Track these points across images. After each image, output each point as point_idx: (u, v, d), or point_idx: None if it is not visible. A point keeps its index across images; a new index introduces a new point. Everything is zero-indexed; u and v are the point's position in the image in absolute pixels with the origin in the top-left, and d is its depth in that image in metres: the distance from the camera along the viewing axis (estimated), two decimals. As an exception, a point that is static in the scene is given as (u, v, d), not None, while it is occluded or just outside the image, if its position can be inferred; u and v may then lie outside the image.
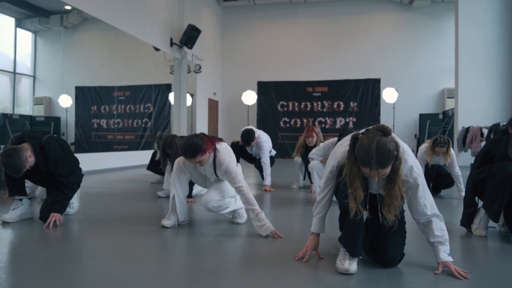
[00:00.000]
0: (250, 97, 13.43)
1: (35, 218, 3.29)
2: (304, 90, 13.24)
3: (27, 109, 9.28)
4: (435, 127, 12.40)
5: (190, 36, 10.48)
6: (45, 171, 3.06)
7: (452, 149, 4.72)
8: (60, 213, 3.06)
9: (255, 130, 5.49)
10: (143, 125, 11.83)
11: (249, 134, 5.32)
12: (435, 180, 4.97)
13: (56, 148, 3.04)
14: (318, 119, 13.18)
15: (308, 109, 13.26)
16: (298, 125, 13.18)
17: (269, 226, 2.84)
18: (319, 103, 13.21)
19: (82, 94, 10.58)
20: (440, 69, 13.43)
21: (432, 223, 2.15)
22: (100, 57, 10.51)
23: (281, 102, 13.37)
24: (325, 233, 2.43)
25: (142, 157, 9.87)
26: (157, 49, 10.49)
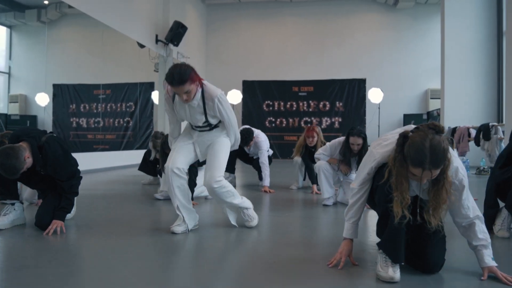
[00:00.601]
0: (235, 96, 13.22)
1: (28, 224, 3.01)
2: (290, 89, 13.13)
3: (1, 107, 8.85)
4: (419, 127, 12.48)
5: (176, 33, 10.19)
6: (41, 173, 2.79)
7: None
8: (63, 220, 2.79)
9: (253, 129, 5.31)
10: (125, 125, 11.48)
11: (248, 134, 5.13)
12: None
13: (56, 149, 2.76)
14: (304, 118, 13.09)
15: (294, 108, 13.15)
16: (283, 125, 13.05)
17: None
18: (304, 102, 13.12)
19: (60, 92, 10.18)
20: (423, 70, 13.56)
21: (475, 225, 2.02)
22: (80, 54, 10.12)
23: (266, 102, 13.22)
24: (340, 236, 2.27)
25: (126, 157, 9.55)
26: (141, 46, 10.17)
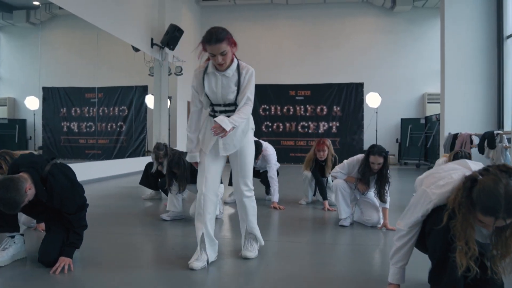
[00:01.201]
0: (231, 101, 12.97)
1: (30, 257, 2.74)
2: (286, 93, 12.93)
3: (-13, 111, 8.53)
4: (417, 132, 12.40)
5: (172, 37, 9.90)
6: (43, 203, 2.52)
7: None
8: (71, 257, 2.52)
9: (261, 142, 5.08)
10: (118, 129, 11.18)
11: (256, 147, 4.88)
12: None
13: (62, 181, 2.48)
14: (301, 123, 12.90)
15: (291, 113, 12.95)
16: (280, 129, 12.85)
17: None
18: (302, 107, 12.93)
19: (51, 95, 9.85)
20: (420, 73, 13.48)
21: None
22: (70, 56, 9.80)
23: (263, 106, 13.00)
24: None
25: (120, 166, 9.27)
26: (136, 50, 9.86)
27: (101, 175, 8.09)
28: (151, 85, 11.02)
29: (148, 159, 10.40)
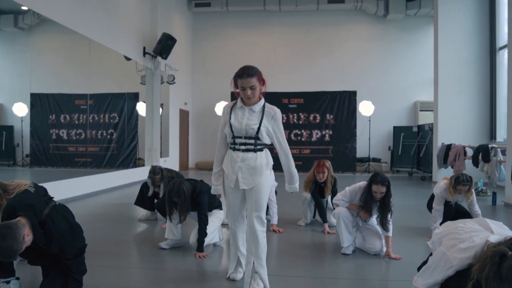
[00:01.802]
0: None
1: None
2: (279, 101, 12.85)
3: (-27, 117, 8.33)
4: (409, 140, 12.44)
5: (165, 46, 9.76)
6: (41, 247, 2.40)
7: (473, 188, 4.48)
8: (70, 305, 2.42)
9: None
10: (108, 137, 10.98)
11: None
12: (453, 217, 4.70)
13: (61, 225, 2.37)
14: (294, 131, 12.85)
15: (284, 121, 12.86)
16: (273, 137, 12.75)
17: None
18: (295, 115, 12.88)
19: (39, 102, 9.63)
20: (413, 81, 13.54)
21: None
22: (60, 62, 9.59)
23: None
24: None
25: (111, 179, 9.12)
26: (128, 59, 9.70)
27: (91, 190, 7.92)
28: (143, 92, 10.86)
29: (140, 170, 10.31)
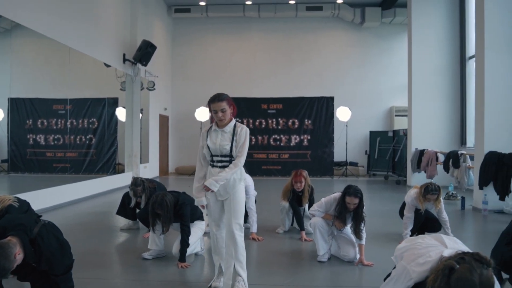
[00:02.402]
0: (203, 114, 12.97)
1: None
2: (259, 107, 13.05)
3: None
4: (385, 144, 12.80)
5: (145, 53, 9.83)
6: (31, 264, 2.50)
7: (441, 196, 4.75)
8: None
9: (240, 173, 5.15)
10: (87, 142, 10.94)
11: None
12: (423, 224, 4.96)
13: (51, 243, 2.47)
14: (273, 136, 13.06)
15: (263, 126, 13.08)
16: (252, 142, 12.93)
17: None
18: (274, 120, 13.09)
19: (15, 106, 9.53)
20: (388, 87, 13.94)
21: None
22: (37, 66, 9.51)
23: (235, 119, 13.05)
24: None
25: (93, 186, 9.13)
26: (107, 65, 9.72)
27: (72, 198, 7.92)
28: (122, 97, 10.87)
29: (120, 177, 10.33)
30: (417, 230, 4.88)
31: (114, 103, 11.20)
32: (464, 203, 7.34)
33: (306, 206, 5.14)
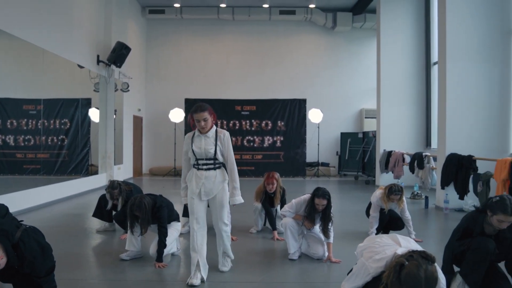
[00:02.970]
0: (177, 115, 13.06)
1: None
2: (233, 108, 13.24)
3: None
4: (355, 145, 13.23)
5: (120, 55, 9.85)
6: (14, 267, 2.61)
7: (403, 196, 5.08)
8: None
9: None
10: (59, 143, 10.84)
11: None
12: (387, 222, 5.28)
13: (33, 246, 2.57)
14: (247, 137, 13.27)
15: (237, 127, 13.28)
16: (227, 143, 13.09)
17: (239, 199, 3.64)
18: (247, 121, 13.30)
19: (-18, 106, 9.39)
20: (358, 90, 14.39)
21: None
22: (5, 65, 9.40)
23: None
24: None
25: (70, 187, 9.11)
26: (81, 67, 9.69)
27: (46, 200, 7.90)
28: (95, 97, 10.83)
29: (94, 178, 10.30)
30: (382, 228, 5.20)
31: (87, 104, 11.13)
32: (428, 202, 7.76)
33: (278, 207, 5.38)
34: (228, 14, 13.81)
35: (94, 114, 10.97)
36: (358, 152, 12.97)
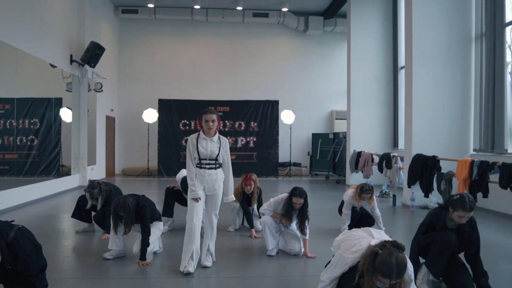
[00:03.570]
0: (151, 115, 13.06)
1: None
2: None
3: None
4: (326, 145, 13.61)
5: (94, 55, 9.81)
6: (6, 267, 2.68)
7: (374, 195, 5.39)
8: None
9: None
10: (29, 143, 10.66)
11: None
12: (359, 219, 5.58)
13: (27, 246, 2.65)
14: (221, 138, 13.39)
15: (211, 128, 13.37)
16: (200, 143, 13.19)
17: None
18: (221, 122, 13.38)
19: None
20: (329, 92, 14.80)
21: None
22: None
23: (183, 121, 13.28)
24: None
25: (43, 188, 9.00)
26: (53, 66, 9.58)
27: (19, 202, 7.79)
28: (66, 97, 10.70)
29: (67, 179, 10.20)
30: (354, 225, 5.49)
31: (59, 103, 10.98)
32: (395, 200, 8.16)
33: (255, 206, 5.61)
34: (202, 16, 13.92)
35: (65, 114, 10.83)
36: (329, 153, 13.36)
